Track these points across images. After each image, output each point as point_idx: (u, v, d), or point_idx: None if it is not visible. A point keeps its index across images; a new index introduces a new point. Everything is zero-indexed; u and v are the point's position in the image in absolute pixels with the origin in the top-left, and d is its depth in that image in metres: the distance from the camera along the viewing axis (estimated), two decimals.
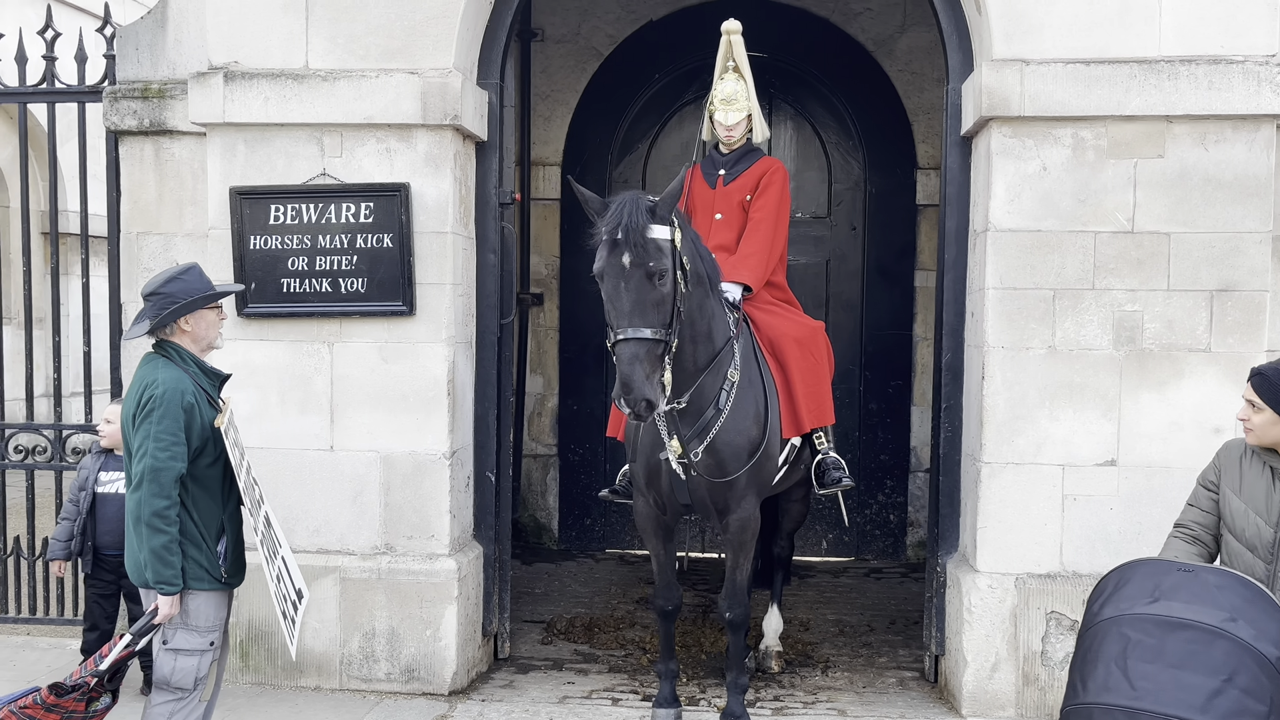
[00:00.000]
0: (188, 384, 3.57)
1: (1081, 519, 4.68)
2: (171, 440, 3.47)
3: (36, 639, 5.63)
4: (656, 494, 4.58)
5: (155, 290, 3.63)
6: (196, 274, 3.70)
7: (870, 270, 7.65)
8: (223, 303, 3.85)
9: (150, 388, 3.53)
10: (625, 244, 3.83)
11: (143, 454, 3.48)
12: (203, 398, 3.61)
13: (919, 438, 7.62)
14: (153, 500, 3.46)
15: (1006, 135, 4.64)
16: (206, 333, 3.71)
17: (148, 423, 3.49)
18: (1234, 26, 4.52)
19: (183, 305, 3.62)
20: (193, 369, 3.65)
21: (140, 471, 3.48)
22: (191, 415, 3.53)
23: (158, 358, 3.64)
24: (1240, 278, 4.58)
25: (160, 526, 3.47)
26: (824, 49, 7.52)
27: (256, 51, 4.93)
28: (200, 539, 3.59)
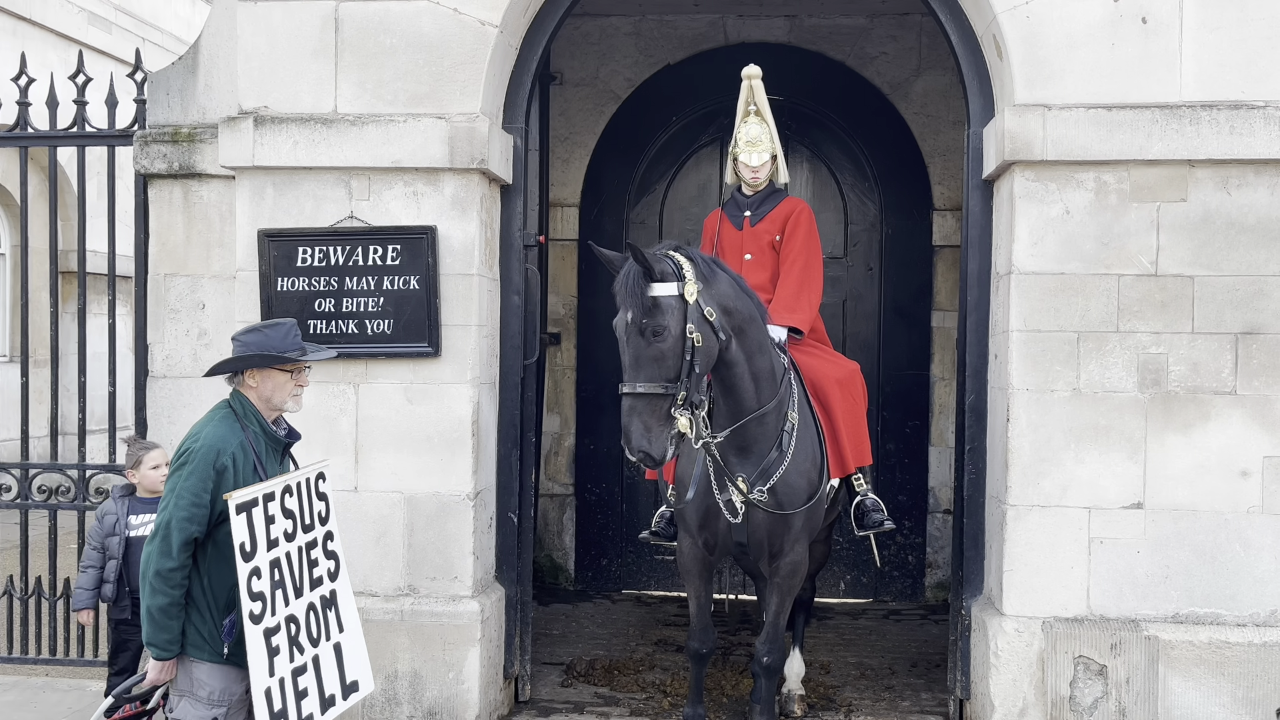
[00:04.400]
0: (231, 444, 3.36)
1: (1108, 562, 4.66)
2: (192, 500, 3.28)
3: (57, 680, 5.61)
4: (710, 535, 4.58)
5: (236, 336, 3.53)
6: (283, 332, 3.51)
7: (887, 311, 7.67)
8: (307, 369, 3.59)
9: (192, 439, 3.39)
10: (624, 303, 4.02)
11: (164, 506, 3.33)
12: (248, 461, 3.39)
13: (937, 478, 7.60)
14: (159, 559, 3.28)
15: (1029, 179, 4.67)
16: (274, 394, 3.49)
17: (177, 475, 3.34)
18: (1254, 72, 4.57)
19: (242, 359, 3.44)
20: (253, 428, 3.45)
21: (158, 524, 3.32)
22: (223, 478, 3.32)
23: (220, 408, 3.48)
24: (1265, 320, 4.59)
25: (160, 587, 3.28)
26: (840, 92, 7.59)
27: (286, 96, 5.00)
28: (207, 608, 3.38)
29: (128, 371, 5.61)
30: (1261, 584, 4.61)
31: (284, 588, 3.41)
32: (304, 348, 3.57)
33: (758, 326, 4.31)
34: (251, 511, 3.29)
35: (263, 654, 3.30)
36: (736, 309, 4.19)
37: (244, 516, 3.26)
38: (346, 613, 3.70)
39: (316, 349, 3.68)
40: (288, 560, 3.44)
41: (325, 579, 3.62)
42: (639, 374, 3.98)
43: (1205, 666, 4.57)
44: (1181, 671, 4.58)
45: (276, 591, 3.38)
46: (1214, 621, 4.63)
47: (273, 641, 3.35)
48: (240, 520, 3.25)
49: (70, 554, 5.84)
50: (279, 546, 3.40)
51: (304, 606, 3.49)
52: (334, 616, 3.65)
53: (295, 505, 3.47)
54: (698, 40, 7.68)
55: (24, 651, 5.68)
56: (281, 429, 3.60)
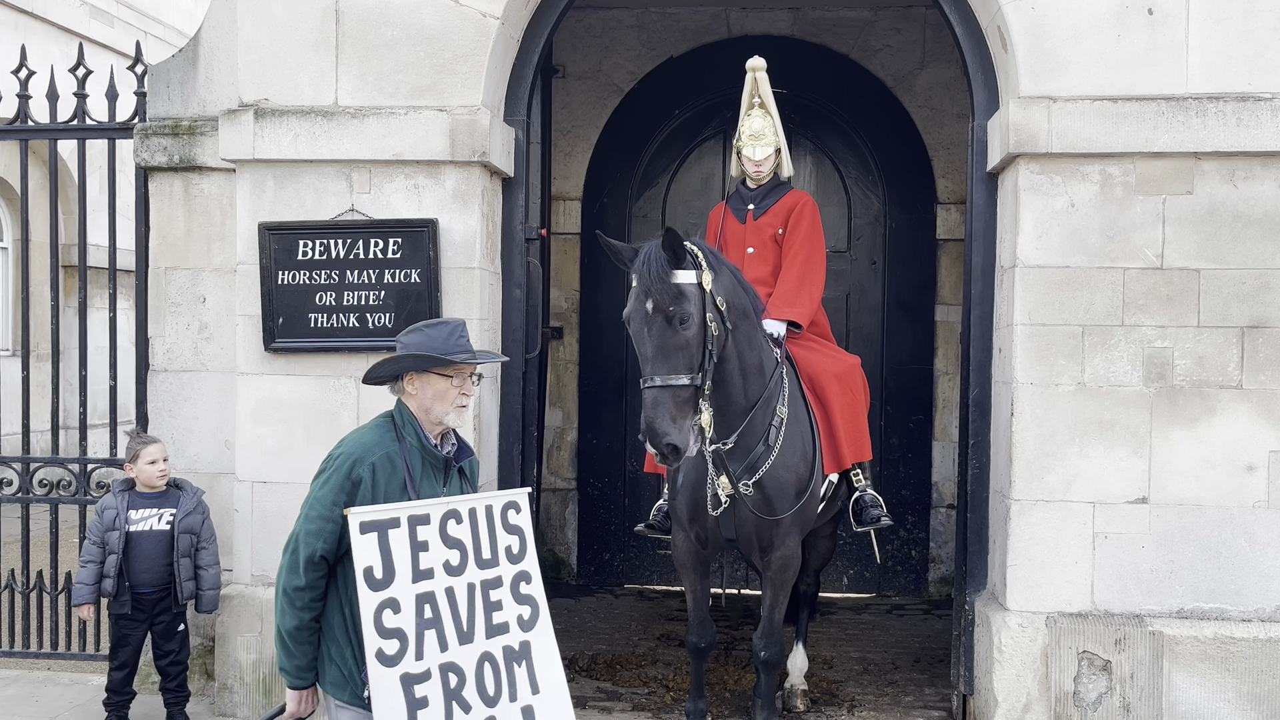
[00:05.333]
0: (375, 453, 2.93)
1: (1113, 557, 4.64)
2: (321, 514, 2.87)
3: (58, 674, 5.60)
4: (700, 529, 4.56)
5: (397, 337, 3.14)
6: (446, 331, 3.06)
7: (890, 305, 7.64)
8: (474, 376, 3.10)
9: (337, 446, 3.01)
10: (647, 291, 3.89)
11: (299, 517, 2.95)
12: (395, 476, 2.94)
13: (940, 473, 7.58)
14: (286, 575, 2.93)
15: (1034, 172, 4.64)
16: (433, 404, 3.02)
17: (314, 484, 2.96)
18: (1261, 64, 4.53)
19: (398, 360, 3.02)
20: (410, 441, 3.00)
21: (290, 536, 2.97)
22: (359, 491, 2.89)
23: (383, 416, 3.08)
24: (1271, 314, 4.56)
25: (287, 607, 2.91)
26: (844, 85, 7.56)
27: (287, 89, 4.97)
28: (348, 640, 2.94)
29: (129, 365, 5.59)
30: (1267, 579, 4.59)
31: (440, 628, 2.88)
32: (470, 350, 3.08)
33: (750, 322, 4.28)
34: (388, 533, 2.82)
35: (399, 704, 2.79)
36: (733, 303, 4.18)
37: (373, 537, 2.80)
38: (544, 671, 3.07)
39: (486, 352, 3.20)
40: (449, 597, 2.92)
41: (513, 627, 3.04)
42: (663, 364, 3.87)
43: (1210, 662, 4.55)
44: (1186, 667, 4.55)
45: (426, 632, 2.86)
46: (1219, 617, 4.60)
47: (416, 691, 2.82)
48: (367, 541, 2.79)
49: (72, 548, 5.82)
50: (434, 579, 2.89)
51: (474, 655, 2.94)
52: (525, 674, 3.03)
53: (465, 534, 2.99)
54: (700, 33, 7.65)
55: (26, 646, 5.67)
56: (448, 446, 3.11)
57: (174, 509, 4.73)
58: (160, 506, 4.72)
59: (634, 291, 3.98)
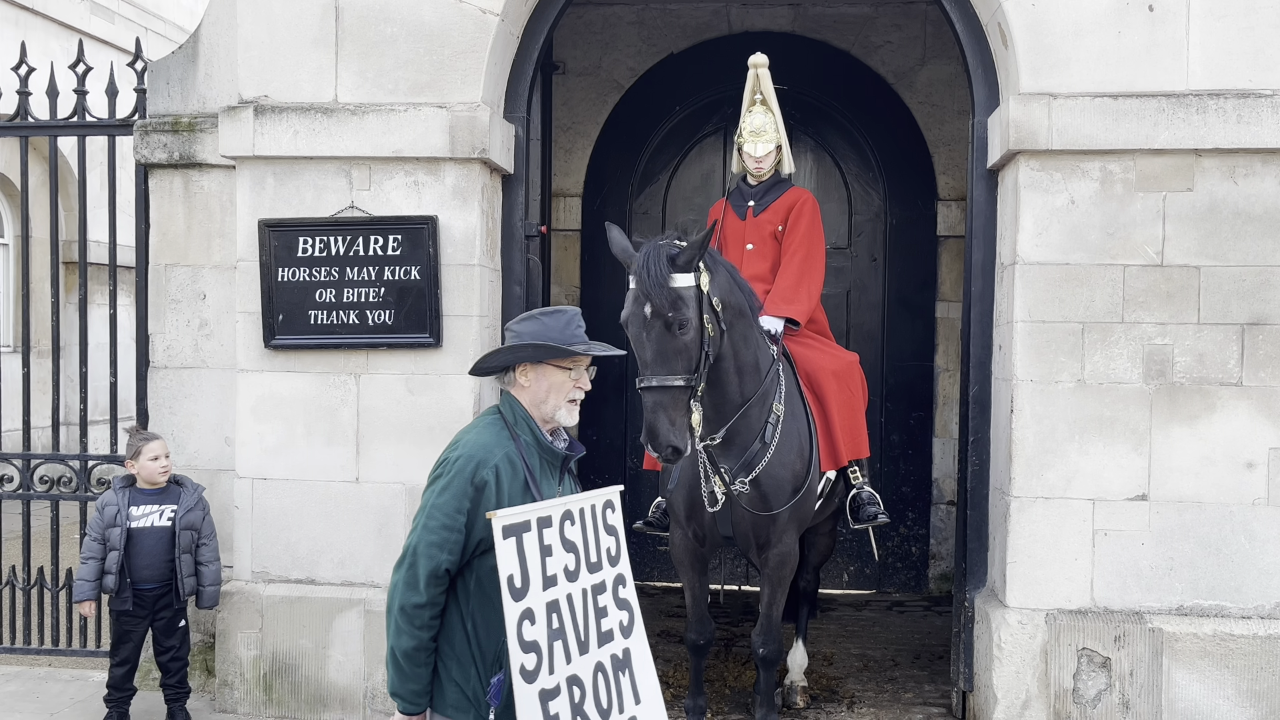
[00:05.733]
0: (497, 455, 2.72)
1: (1113, 554, 4.64)
2: (443, 523, 2.66)
3: (59, 670, 5.61)
4: (697, 526, 4.57)
5: (509, 325, 2.93)
6: (564, 320, 2.86)
7: (891, 301, 7.64)
8: (568, 370, 2.85)
9: (451, 449, 2.78)
10: (647, 295, 3.90)
11: (414, 527, 2.73)
12: (517, 477, 2.74)
13: (941, 469, 7.58)
14: (404, 591, 2.68)
15: (1034, 169, 4.64)
16: (548, 397, 2.82)
17: (429, 491, 2.74)
18: (1262, 60, 4.52)
19: (513, 350, 2.83)
20: (525, 438, 2.80)
21: (405, 548, 2.72)
22: (483, 496, 2.67)
23: (488, 414, 2.88)
24: (1271, 311, 4.55)
25: (405, 626, 2.67)
26: (844, 81, 7.55)
27: (286, 85, 4.97)
28: (471, 659, 2.73)
29: (130, 362, 5.60)
30: (1267, 576, 4.59)
31: (564, 639, 2.69)
32: (588, 341, 2.88)
33: (745, 321, 4.29)
34: (522, 537, 2.62)
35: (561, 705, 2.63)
36: (729, 302, 4.18)
37: (513, 542, 2.59)
38: (644, 679, 2.90)
39: (603, 344, 2.92)
40: (569, 605, 2.72)
41: (616, 634, 2.86)
42: (661, 367, 3.89)
43: (1209, 659, 4.55)
44: (1186, 664, 4.56)
45: (555, 643, 2.67)
46: (1219, 614, 4.60)
47: (550, 708, 2.61)
48: (508, 546, 2.58)
49: (73, 544, 5.83)
50: (557, 586, 2.70)
51: (590, 666, 2.75)
52: (628, 682, 2.86)
53: (578, 536, 2.78)
54: (701, 29, 7.64)
55: (27, 642, 5.68)
56: (561, 440, 2.93)
57: (175, 505, 4.74)
58: (161, 503, 4.73)
59: (632, 294, 3.99)
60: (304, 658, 4.99)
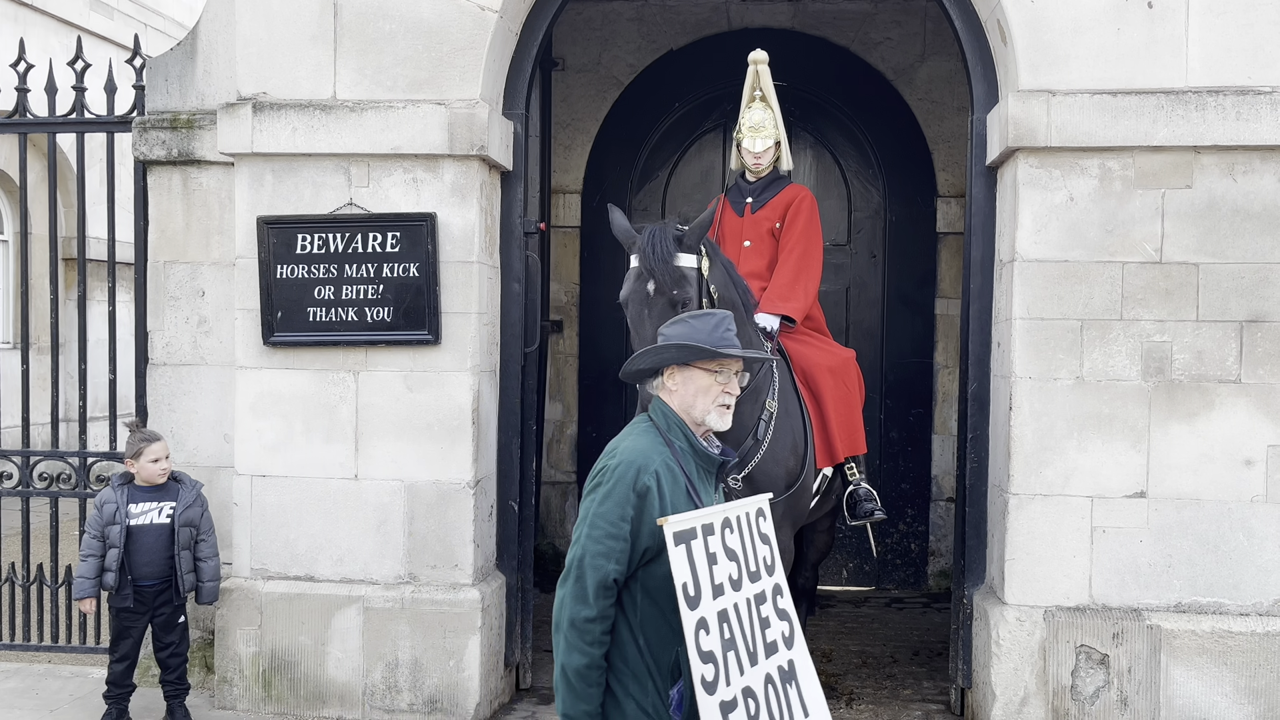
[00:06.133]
0: (655, 461, 2.66)
1: (1111, 551, 4.64)
2: (608, 531, 2.58)
3: (59, 667, 5.61)
4: None
5: (660, 330, 2.88)
6: (713, 323, 2.79)
7: (891, 298, 7.64)
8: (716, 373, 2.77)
9: (608, 455, 2.72)
10: (650, 272, 3.86)
11: (577, 538, 2.64)
12: (678, 484, 2.67)
13: (940, 466, 7.58)
14: (573, 605, 2.59)
15: (1033, 166, 4.63)
16: (695, 401, 2.76)
17: (589, 500, 2.66)
18: (1261, 58, 4.52)
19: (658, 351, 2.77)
20: (680, 444, 2.74)
21: (570, 561, 2.63)
22: (646, 504, 2.60)
23: (640, 421, 2.82)
24: (1270, 308, 4.55)
25: (576, 642, 2.57)
26: (844, 78, 7.54)
27: (285, 82, 4.97)
28: (647, 673, 2.63)
29: (129, 358, 5.60)
30: (1265, 573, 4.59)
31: (736, 650, 2.62)
32: (737, 344, 2.82)
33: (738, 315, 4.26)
34: (691, 545, 2.56)
35: None
36: (724, 295, 4.18)
37: (683, 550, 2.53)
38: (810, 691, 2.83)
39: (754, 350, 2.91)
40: (736, 615, 2.66)
41: (780, 645, 2.79)
42: None
43: (1208, 656, 4.55)
44: (1184, 661, 4.56)
45: (729, 654, 2.60)
46: (1217, 611, 4.61)
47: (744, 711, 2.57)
48: (680, 554, 2.52)
49: (72, 541, 5.84)
50: (725, 595, 2.64)
51: (761, 678, 2.68)
52: (795, 695, 2.78)
53: (738, 545, 2.73)
54: (700, 26, 7.63)
55: (26, 638, 5.69)
56: (714, 445, 2.86)
57: (174, 502, 4.74)
58: (160, 500, 4.73)
59: (634, 272, 3.93)
60: (303, 654, 4.99)
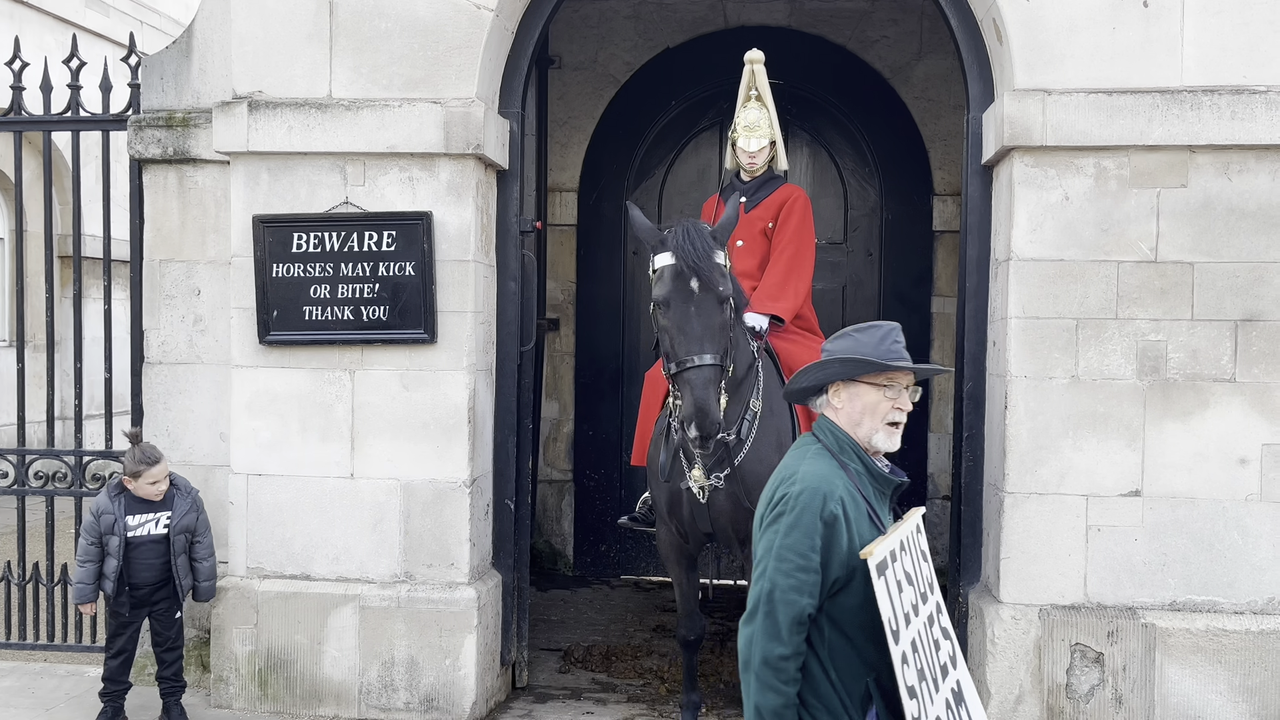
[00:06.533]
0: (838, 486, 2.53)
1: (1106, 550, 4.65)
2: (798, 564, 2.46)
3: (55, 665, 5.61)
4: (678, 522, 4.58)
5: (824, 345, 2.75)
6: (879, 335, 2.65)
7: (887, 296, 7.64)
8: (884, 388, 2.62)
9: (786, 483, 2.56)
10: (695, 270, 3.87)
11: (761, 571, 2.53)
12: (859, 509, 2.55)
13: (936, 465, 7.59)
14: (765, 643, 2.47)
15: (1029, 165, 4.64)
16: (862, 419, 2.61)
17: (772, 531, 2.53)
18: (1257, 57, 4.52)
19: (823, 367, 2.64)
20: (854, 466, 2.61)
21: (756, 597, 2.52)
22: (834, 532, 2.49)
23: (812, 443, 2.67)
24: (1265, 308, 4.56)
25: (771, 681, 2.46)
26: (840, 76, 7.54)
27: (280, 81, 4.96)
28: (841, 708, 2.53)
29: (125, 356, 5.59)
30: (1259, 571, 4.60)
31: (926, 679, 2.51)
32: (907, 357, 2.66)
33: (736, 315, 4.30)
34: (887, 575, 2.46)
35: None
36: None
37: (884, 581, 2.43)
38: (976, 713, 2.71)
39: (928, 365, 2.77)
40: (921, 641, 2.56)
41: (950, 666, 2.68)
42: (711, 344, 3.84)
43: (1202, 654, 4.56)
44: (1178, 659, 4.57)
45: (923, 684, 2.49)
46: (1211, 609, 4.62)
47: None
48: (882, 586, 2.41)
49: (68, 539, 5.85)
50: (912, 623, 2.53)
51: (943, 705, 2.57)
52: (966, 717, 2.69)
53: (911, 567, 2.62)
54: (697, 23, 7.63)
55: (22, 637, 5.69)
56: (884, 465, 2.72)
57: (169, 513, 4.70)
58: (156, 511, 4.69)
59: (670, 270, 3.91)
60: (299, 653, 5.00)
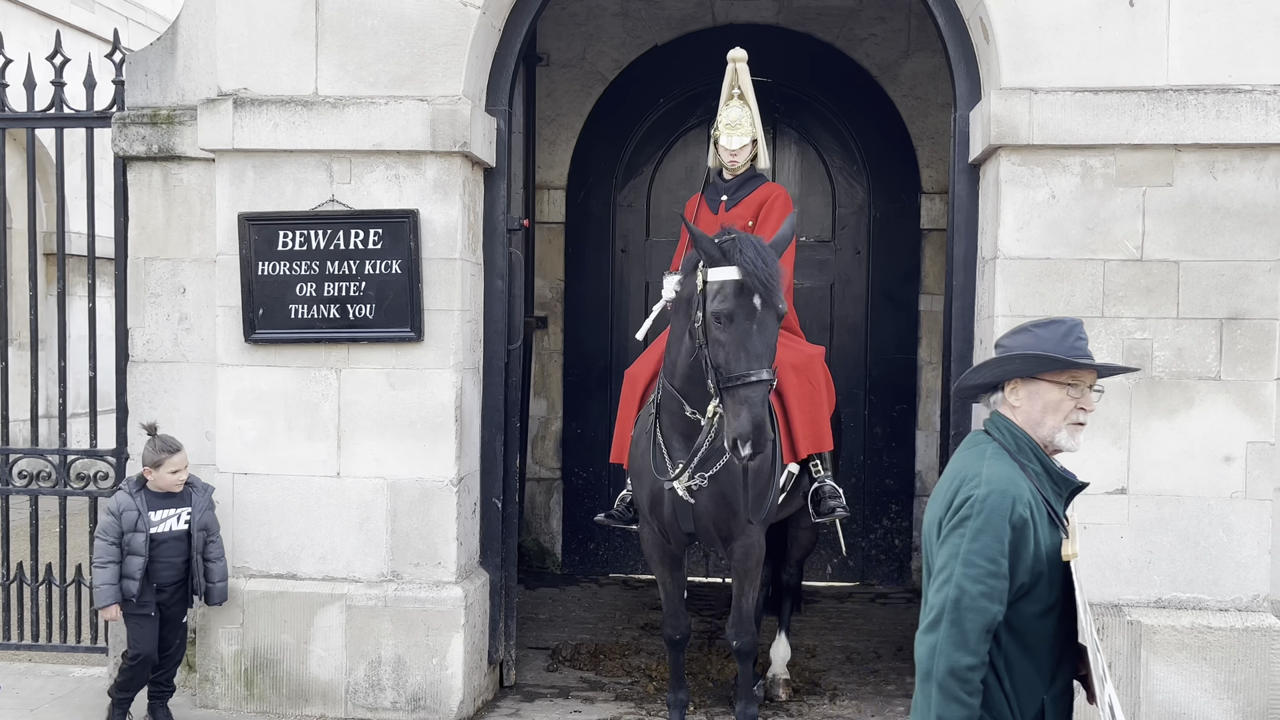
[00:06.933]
0: (1023, 489, 2.45)
1: (1091, 547, 4.64)
2: (988, 569, 2.38)
3: (40, 665, 5.58)
4: (659, 522, 4.57)
5: (999, 341, 2.66)
6: (1061, 331, 2.55)
7: (875, 294, 7.65)
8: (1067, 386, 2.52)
9: (969, 485, 2.46)
10: (762, 287, 3.92)
11: (945, 578, 2.42)
12: (1042, 511, 2.47)
13: (924, 462, 7.60)
14: (952, 652, 2.38)
15: (1015, 163, 4.64)
16: (1043, 418, 2.51)
17: (956, 535, 2.43)
18: (1242, 56, 4.54)
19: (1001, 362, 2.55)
20: (1033, 467, 2.52)
21: (940, 604, 2.42)
22: (1022, 537, 2.41)
23: (986, 441, 2.57)
24: (1250, 306, 4.58)
25: (956, 691, 2.38)
26: (829, 74, 7.54)
27: (266, 78, 4.94)
28: None
29: (109, 355, 5.56)
30: (1244, 569, 4.62)
31: (1105, 683, 2.50)
32: (1091, 354, 2.57)
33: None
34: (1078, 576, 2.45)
35: None
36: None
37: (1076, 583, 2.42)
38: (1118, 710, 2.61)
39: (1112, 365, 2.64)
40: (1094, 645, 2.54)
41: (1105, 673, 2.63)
42: (766, 360, 3.93)
43: (1187, 651, 4.58)
44: (1164, 656, 4.59)
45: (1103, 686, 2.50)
46: (1196, 606, 4.63)
47: None
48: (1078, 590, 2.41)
49: (52, 538, 5.81)
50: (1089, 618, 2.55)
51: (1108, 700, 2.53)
52: None
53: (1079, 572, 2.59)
54: (685, 21, 7.62)
55: (6, 637, 5.65)
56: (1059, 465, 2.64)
57: (189, 508, 4.67)
58: (177, 506, 4.65)
59: (734, 286, 3.94)
60: (285, 653, 4.98)
